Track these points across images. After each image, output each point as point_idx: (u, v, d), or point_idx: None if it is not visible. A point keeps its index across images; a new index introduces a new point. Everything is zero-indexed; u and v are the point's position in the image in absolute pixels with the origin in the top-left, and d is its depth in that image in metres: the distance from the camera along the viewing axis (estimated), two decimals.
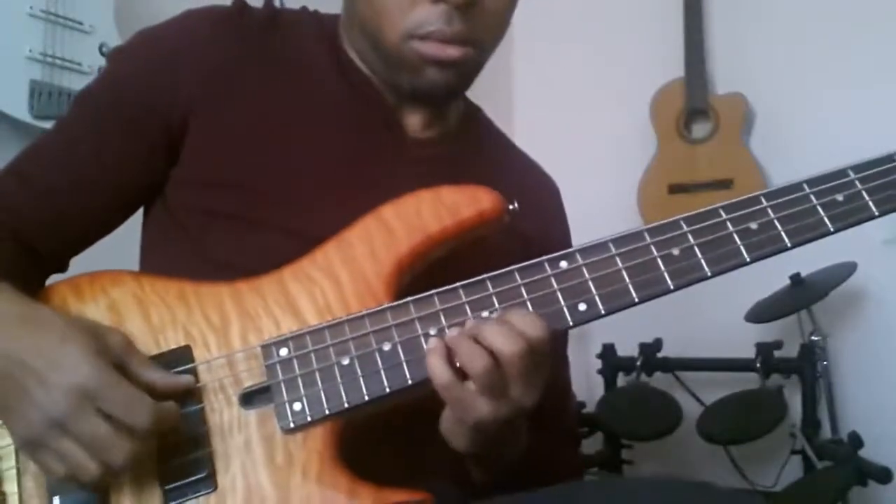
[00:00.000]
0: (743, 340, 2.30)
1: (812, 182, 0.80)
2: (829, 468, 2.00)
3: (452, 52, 0.86)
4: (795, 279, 2.15)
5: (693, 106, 2.58)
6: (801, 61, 2.50)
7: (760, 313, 2.20)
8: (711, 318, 2.31)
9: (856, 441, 1.96)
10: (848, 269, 2.11)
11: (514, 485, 0.87)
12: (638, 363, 2.38)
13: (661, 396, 2.33)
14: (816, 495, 1.93)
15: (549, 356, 0.76)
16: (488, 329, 0.74)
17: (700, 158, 2.55)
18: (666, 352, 2.38)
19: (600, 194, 2.53)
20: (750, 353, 2.25)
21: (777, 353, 2.24)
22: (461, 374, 0.74)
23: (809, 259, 2.09)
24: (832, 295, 2.11)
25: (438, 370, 0.74)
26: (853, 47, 2.41)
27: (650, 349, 2.38)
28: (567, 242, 1.03)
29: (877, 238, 2.28)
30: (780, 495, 2.04)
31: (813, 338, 2.22)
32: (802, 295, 2.13)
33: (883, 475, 1.86)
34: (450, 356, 0.75)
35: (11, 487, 0.76)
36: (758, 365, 2.22)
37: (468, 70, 0.91)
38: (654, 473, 2.49)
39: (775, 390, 2.20)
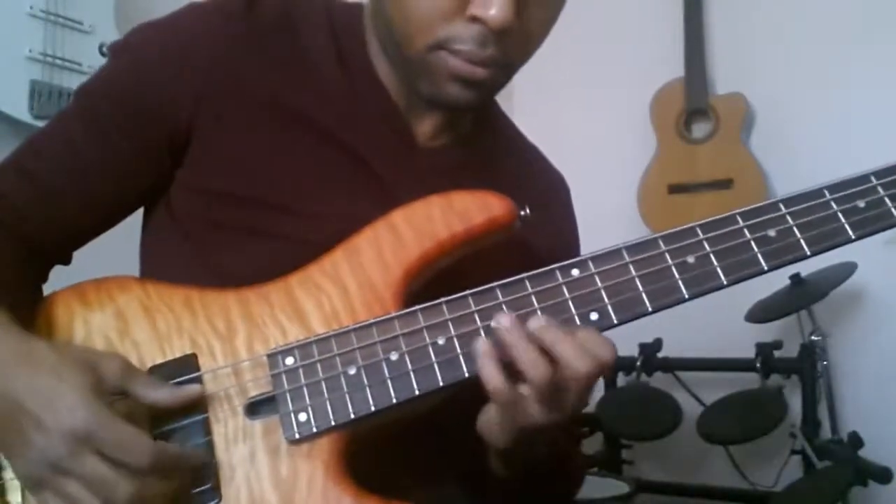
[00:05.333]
0: (743, 340, 2.30)
1: (833, 188, 0.77)
2: (829, 468, 2.01)
3: (480, 72, 0.82)
4: (795, 279, 2.15)
5: (693, 106, 2.58)
6: (801, 61, 2.49)
7: (760, 313, 2.20)
8: (711, 318, 2.29)
9: (856, 441, 1.97)
10: (848, 269, 2.11)
11: (532, 481, 0.87)
12: (638, 363, 2.39)
13: (661, 396, 2.34)
14: (816, 495, 1.94)
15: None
16: (557, 340, 0.72)
17: (700, 158, 2.55)
18: (666, 352, 2.39)
19: (600, 194, 2.52)
20: (750, 353, 2.26)
21: (777, 353, 2.25)
22: (515, 376, 0.73)
23: (810, 259, 2.09)
24: (832, 295, 2.12)
25: (492, 376, 0.72)
26: (853, 47, 2.41)
27: (650, 349, 2.38)
28: (575, 245, 1.02)
29: (877, 238, 2.27)
30: (780, 495, 2.05)
31: (813, 338, 2.23)
32: (802, 295, 2.13)
33: (883, 475, 1.87)
34: (502, 353, 0.73)
35: (15, 498, 0.76)
36: (758, 365, 2.23)
37: (492, 89, 0.88)
38: None
39: (775, 390, 2.21)
